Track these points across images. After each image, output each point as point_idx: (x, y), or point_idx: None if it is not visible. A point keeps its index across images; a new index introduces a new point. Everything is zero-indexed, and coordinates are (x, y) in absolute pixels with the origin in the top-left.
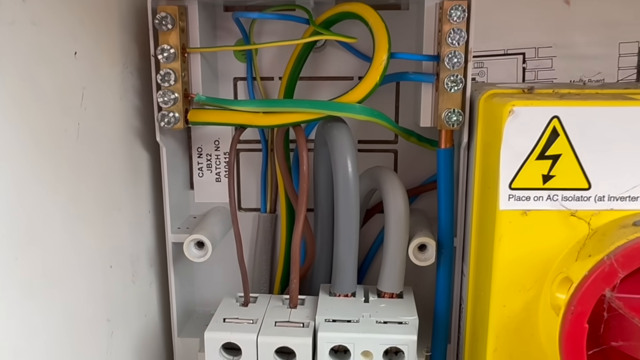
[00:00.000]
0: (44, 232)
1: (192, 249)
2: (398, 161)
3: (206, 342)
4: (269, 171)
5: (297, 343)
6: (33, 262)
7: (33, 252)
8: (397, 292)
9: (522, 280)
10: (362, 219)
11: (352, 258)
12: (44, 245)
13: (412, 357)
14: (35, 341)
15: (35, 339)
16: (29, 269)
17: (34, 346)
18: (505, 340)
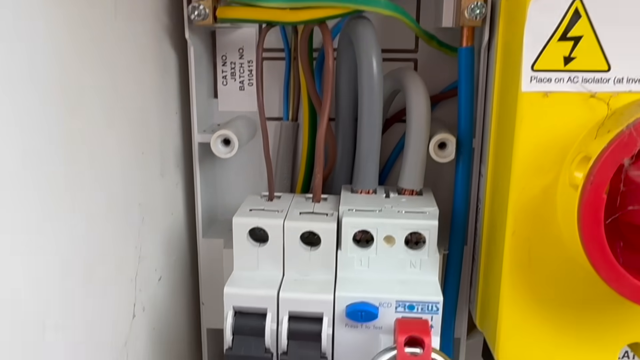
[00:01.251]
0: (84, 107)
1: (219, 145)
2: (418, 70)
3: (234, 227)
4: (292, 79)
5: (322, 228)
6: (74, 135)
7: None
8: (417, 190)
9: (542, 163)
10: (382, 126)
11: (375, 153)
12: (84, 117)
13: (433, 242)
14: (74, 218)
15: (73, 215)
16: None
17: (74, 222)
18: (524, 223)
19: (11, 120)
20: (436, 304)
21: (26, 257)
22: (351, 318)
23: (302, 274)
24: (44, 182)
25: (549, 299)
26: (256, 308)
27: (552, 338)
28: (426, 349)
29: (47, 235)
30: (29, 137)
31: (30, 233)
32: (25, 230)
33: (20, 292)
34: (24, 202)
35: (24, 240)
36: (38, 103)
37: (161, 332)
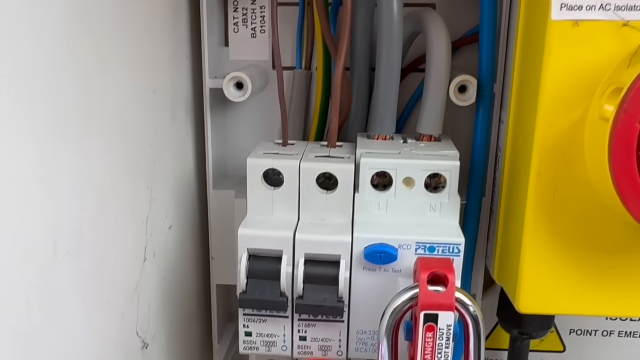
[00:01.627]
0: (96, 31)
1: (231, 88)
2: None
3: (248, 169)
4: (305, 26)
5: (340, 169)
6: (87, 58)
7: (87, 45)
8: (436, 135)
9: (570, 97)
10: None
11: (393, 95)
12: (96, 41)
13: (454, 184)
14: (88, 144)
15: (88, 141)
16: (85, 64)
17: (88, 148)
18: (549, 163)
19: (34, 45)
20: (457, 245)
21: (39, 178)
22: (369, 260)
23: (318, 218)
24: (61, 104)
25: (574, 243)
26: (271, 250)
27: (576, 285)
28: (449, 286)
29: (61, 159)
30: (47, 60)
31: (45, 154)
32: (40, 152)
33: (33, 213)
34: (39, 123)
35: (38, 162)
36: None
37: (171, 282)
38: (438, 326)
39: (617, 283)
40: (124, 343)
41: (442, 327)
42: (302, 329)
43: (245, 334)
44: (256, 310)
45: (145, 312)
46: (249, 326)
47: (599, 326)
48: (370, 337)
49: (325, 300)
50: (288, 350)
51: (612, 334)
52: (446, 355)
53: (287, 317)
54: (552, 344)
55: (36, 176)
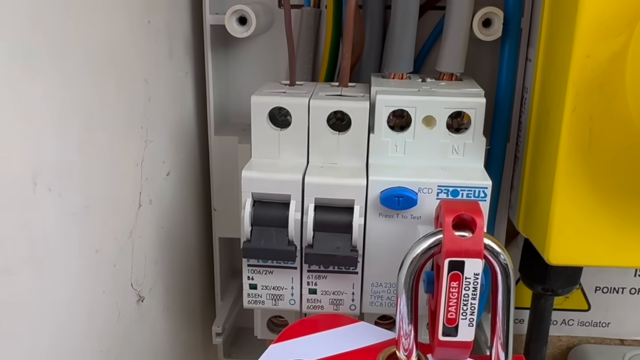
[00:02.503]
0: None
1: (233, 23)
2: None
3: (253, 107)
4: None
5: (353, 107)
6: None
7: None
8: (457, 73)
9: (611, 24)
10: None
11: (412, 28)
12: None
13: (479, 123)
14: (72, 55)
15: (71, 50)
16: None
17: (72, 61)
18: (586, 98)
19: None
20: (484, 189)
21: (13, 101)
22: (387, 205)
23: (329, 162)
24: (36, 15)
25: (611, 188)
26: (278, 195)
27: (612, 234)
28: (478, 230)
29: (40, 81)
30: None
31: (21, 73)
32: (15, 71)
33: (7, 140)
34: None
35: (12, 81)
36: None
37: (169, 233)
38: (464, 275)
39: None
40: (117, 295)
41: (468, 276)
42: (312, 281)
43: (249, 287)
44: (262, 261)
45: (140, 264)
46: (254, 278)
47: (626, 283)
48: (387, 290)
49: (338, 250)
50: (296, 304)
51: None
52: (472, 307)
53: (296, 269)
54: (576, 302)
55: (9, 98)
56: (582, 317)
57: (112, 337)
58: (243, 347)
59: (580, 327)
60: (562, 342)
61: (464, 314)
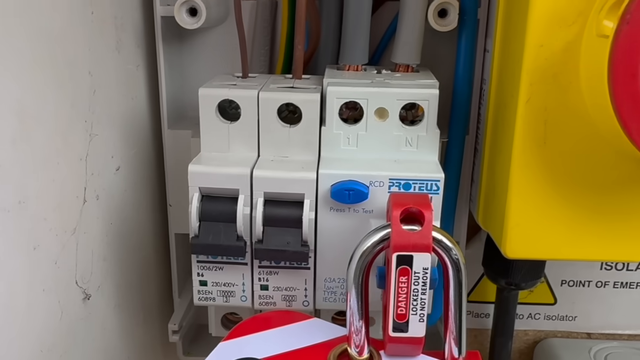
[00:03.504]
0: None
1: (183, 14)
2: None
3: (201, 100)
4: None
5: (304, 99)
6: None
7: None
8: (413, 65)
9: (564, 13)
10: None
11: (365, 19)
12: None
13: (432, 115)
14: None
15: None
16: None
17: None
18: (540, 89)
19: None
20: (436, 182)
21: None
22: (337, 199)
23: (280, 155)
24: None
25: (567, 180)
26: (226, 189)
27: (569, 227)
28: (426, 224)
29: None
30: None
31: None
32: None
33: None
34: None
35: None
36: None
37: (120, 229)
38: (413, 269)
39: (614, 224)
40: (60, 292)
41: (417, 271)
42: (264, 277)
43: (200, 284)
44: (211, 257)
45: (87, 260)
46: (204, 275)
47: (592, 277)
48: (340, 285)
49: (288, 245)
50: (248, 300)
51: (607, 285)
52: (423, 302)
53: (246, 264)
54: (542, 295)
55: None
56: (549, 311)
57: (54, 336)
58: (203, 344)
59: (547, 321)
60: (528, 336)
61: (414, 309)
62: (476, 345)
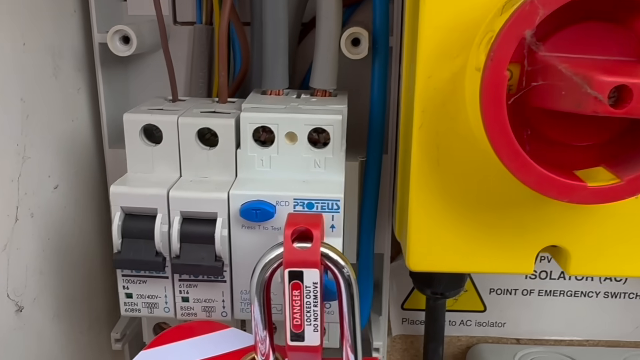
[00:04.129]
0: None
1: (117, 42)
2: None
3: (125, 124)
4: None
5: (219, 124)
6: None
7: None
8: (330, 90)
9: (449, 47)
10: (299, 33)
11: (282, 49)
12: None
13: (337, 139)
14: None
15: None
16: None
17: None
18: (432, 116)
19: None
20: (336, 201)
21: None
22: (246, 217)
23: (200, 176)
24: None
25: (460, 199)
26: (145, 209)
27: (464, 242)
28: (314, 242)
29: None
30: None
31: None
32: None
33: None
34: None
35: None
36: None
37: (59, 244)
38: (304, 284)
39: (507, 241)
40: None
41: (308, 285)
42: (184, 290)
43: (125, 296)
44: (135, 271)
45: (20, 274)
46: (129, 287)
47: (518, 285)
48: None
49: (203, 260)
50: (171, 311)
51: (532, 293)
52: (316, 314)
53: (168, 278)
54: (472, 303)
55: None
56: (479, 318)
57: None
58: None
59: (478, 327)
60: (461, 341)
61: (309, 320)
62: (413, 351)
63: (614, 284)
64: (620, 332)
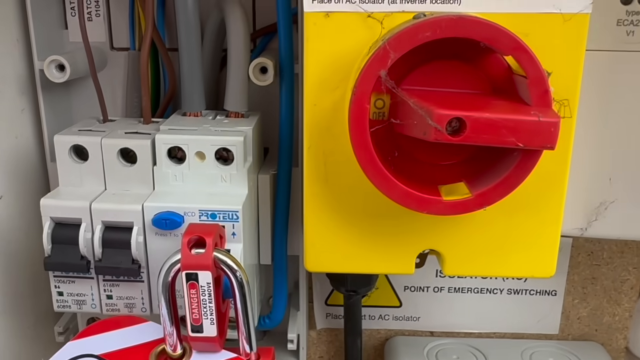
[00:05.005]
0: None
1: (53, 70)
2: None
3: (56, 145)
4: (136, 7)
5: (137, 144)
6: None
7: None
8: (242, 112)
9: (330, 80)
10: (220, 59)
11: (197, 73)
12: None
13: (240, 157)
14: None
15: None
16: None
17: None
18: (318, 138)
19: None
20: (235, 212)
21: None
22: (158, 226)
23: (123, 189)
24: None
25: (347, 209)
26: (71, 219)
27: (353, 246)
28: (207, 248)
29: None
30: None
31: None
32: None
33: None
34: None
35: None
36: None
37: (6, 248)
38: (200, 284)
39: (389, 247)
40: None
41: (203, 285)
42: (108, 289)
43: (57, 294)
44: (64, 273)
45: None
46: (60, 287)
47: (430, 283)
48: None
49: (121, 263)
50: (97, 307)
51: (443, 290)
52: (211, 309)
53: (93, 278)
54: (389, 299)
55: None
56: (396, 313)
57: None
58: None
59: (395, 321)
60: (380, 334)
61: (205, 315)
62: (337, 343)
63: (516, 282)
64: (524, 325)
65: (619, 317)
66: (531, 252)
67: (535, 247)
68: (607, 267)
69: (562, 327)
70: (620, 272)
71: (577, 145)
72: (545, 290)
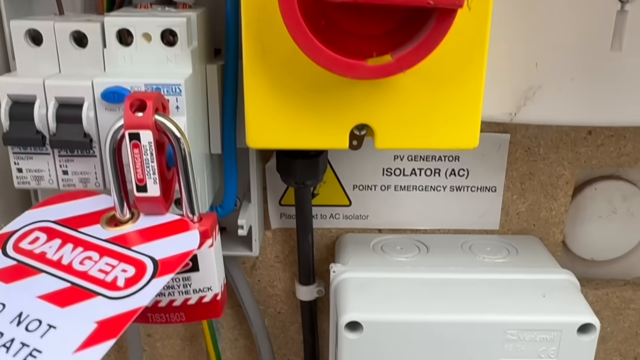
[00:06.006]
0: None
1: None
2: None
3: (12, 30)
4: None
5: (88, 27)
6: None
7: None
8: (190, 3)
9: None
10: None
11: None
12: None
13: (183, 38)
14: None
15: None
16: None
17: None
18: (255, 16)
19: None
20: (178, 85)
21: None
22: (106, 100)
23: (76, 72)
24: None
25: (286, 84)
26: (27, 95)
27: (291, 121)
28: (147, 109)
29: None
30: None
31: None
32: None
33: None
34: None
35: None
36: None
37: None
38: (142, 143)
39: (325, 120)
40: None
41: (145, 144)
42: (64, 164)
43: (17, 170)
44: (22, 148)
45: None
46: (19, 163)
47: (377, 181)
48: None
49: (73, 136)
50: (55, 183)
51: (390, 188)
52: (154, 169)
53: (49, 154)
54: (339, 199)
55: None
56: (346, 212)
57: None
58: None
59: (345, 220)
60: (332, 233)
61: (149, 174)
62: (292, 242)
63: (457, 179)
64: (467, 221)
65: (556, 211)
66: (455, 124)
67: (459, 119)
68: (544, 163)
69: (502, 222)
70: (556, 167)
71: (503, 29)
72: (485, 187)
